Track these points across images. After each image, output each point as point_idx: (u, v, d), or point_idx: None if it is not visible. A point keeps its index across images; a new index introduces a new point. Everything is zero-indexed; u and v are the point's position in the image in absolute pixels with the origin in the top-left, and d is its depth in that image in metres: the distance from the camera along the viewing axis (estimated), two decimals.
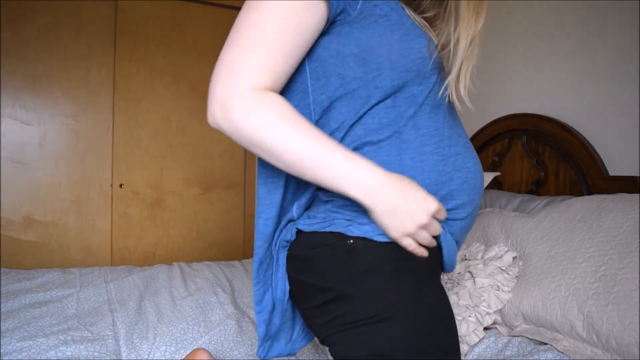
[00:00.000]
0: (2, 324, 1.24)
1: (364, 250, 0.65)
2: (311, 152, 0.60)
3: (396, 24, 0.64)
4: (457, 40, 0.65)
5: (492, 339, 1.15)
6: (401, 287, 0.65)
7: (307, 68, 0.67)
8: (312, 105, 0.68)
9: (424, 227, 0.62)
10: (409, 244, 0.63)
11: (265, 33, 0.60)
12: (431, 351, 0.64)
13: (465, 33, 0.65)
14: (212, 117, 0.61)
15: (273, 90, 0.62)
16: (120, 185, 2.54)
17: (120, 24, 2.49)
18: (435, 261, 0.73)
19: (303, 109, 0.68)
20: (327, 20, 0.63)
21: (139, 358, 1.17)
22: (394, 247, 0.65)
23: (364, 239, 0.65)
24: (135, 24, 2.53)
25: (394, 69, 0.64)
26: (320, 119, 0.69)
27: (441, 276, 1.34)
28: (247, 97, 0.59)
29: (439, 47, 0.67)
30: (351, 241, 0.66)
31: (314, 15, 0.61)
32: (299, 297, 0.74)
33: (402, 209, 0.61)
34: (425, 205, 0.62)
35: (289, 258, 0.74)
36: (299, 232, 0.72)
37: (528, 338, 1.11)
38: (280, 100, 0.61)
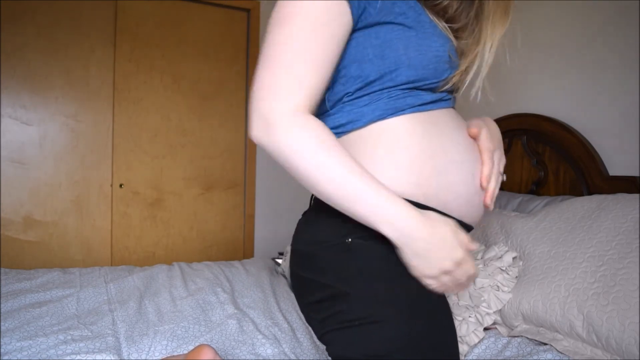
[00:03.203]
0: (2, 324, 1.24)
1: (361, 250, 0.66)
2: (348, 185, 0.60)
3: (413, 21, 0.66)
4: (483, 50, 0.72)
5: (492, 339, 1.15)
6: (397, 288, 0.65)
7: None
8: (329, 95, 0.69)
9: (447, 272, 0.62)
10: (430, 284, 0.64)
11: (299, 49, 0.60)
12: (427, 354, 0.64)
13: (489, 42, 0.72)
14: (255, 132, 0.61)
15: (312, 105, 0.62)
16: (120, 185, 2.54)
17: (120, 24, 2.49)
18: None
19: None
20: (352, 24, 0.64)
21: (139, 358, 1.16)
22: (390, 248, 0.65)
23: (362, 237, 0.65)
24: (135, 24, 2.53)
25: (411, 65, 0.66)
26: (333, 107, 0.70)
27: None
28: (288, 117, 0.59)
29: (458, 52, 0.71)
30: (349, 240, 0.66)
31: (341, 23, 0.62)
32: (299, 292, 0.76)
33: (429, 255, 0.61)
34: (452, 254, 0.61)
35: (292, 253, 0.76)
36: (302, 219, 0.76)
37: (528, 338, 1.11)
38: (320, 126, 0.61)
